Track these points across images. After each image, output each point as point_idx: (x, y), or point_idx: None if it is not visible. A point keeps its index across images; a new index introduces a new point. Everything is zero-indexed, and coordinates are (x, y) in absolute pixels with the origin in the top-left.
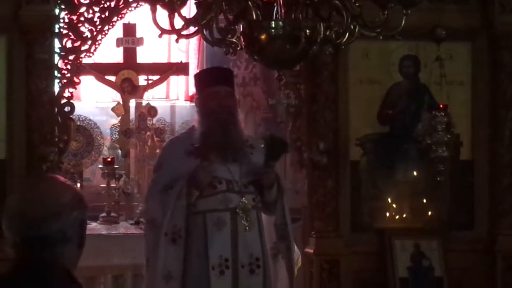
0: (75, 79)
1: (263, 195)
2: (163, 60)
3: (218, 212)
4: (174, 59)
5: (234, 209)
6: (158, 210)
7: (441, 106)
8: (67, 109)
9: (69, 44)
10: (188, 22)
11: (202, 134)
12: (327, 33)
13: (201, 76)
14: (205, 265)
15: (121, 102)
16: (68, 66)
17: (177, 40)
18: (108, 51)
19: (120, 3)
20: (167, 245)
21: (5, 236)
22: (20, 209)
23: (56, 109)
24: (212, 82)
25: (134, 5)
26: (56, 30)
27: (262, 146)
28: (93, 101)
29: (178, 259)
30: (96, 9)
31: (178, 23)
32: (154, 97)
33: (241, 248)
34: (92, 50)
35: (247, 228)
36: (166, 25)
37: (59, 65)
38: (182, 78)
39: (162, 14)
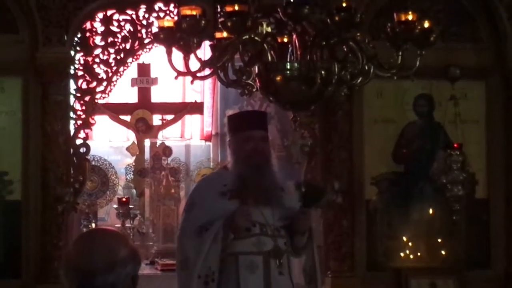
0: (91, 120)
1: (293, 239)
2: (178, 99)
3: (252, 255)
4: (189, 99)
5: (267, 253)
6: (192, 251)
7: (455, 145)
8: (82, 150)
9: (84, 86)
10: (203, 64)
11: (236, 178)
12: (342, 73)
13: (236, 119)
14: None
15: (136, 142)
16: (84, 107)
17: (192, 82)
18: (122, 90)
19: (135, 44)
20: None
21: (62, 282)
22: (76, 261)
23: (71, 150)
24: (247, 126)
25: (150, 46)
26: (72, 72)
27: (295, 190)
28: (107, 141)
29: None
30: (112, 50)
31: (193, 63)
32: (169, 136)
33: None
34: (107, 91)
35: (280, 272)
36: (181, 66)
37: (75, 106)
38: (196, 117)
39: (176, 54)
